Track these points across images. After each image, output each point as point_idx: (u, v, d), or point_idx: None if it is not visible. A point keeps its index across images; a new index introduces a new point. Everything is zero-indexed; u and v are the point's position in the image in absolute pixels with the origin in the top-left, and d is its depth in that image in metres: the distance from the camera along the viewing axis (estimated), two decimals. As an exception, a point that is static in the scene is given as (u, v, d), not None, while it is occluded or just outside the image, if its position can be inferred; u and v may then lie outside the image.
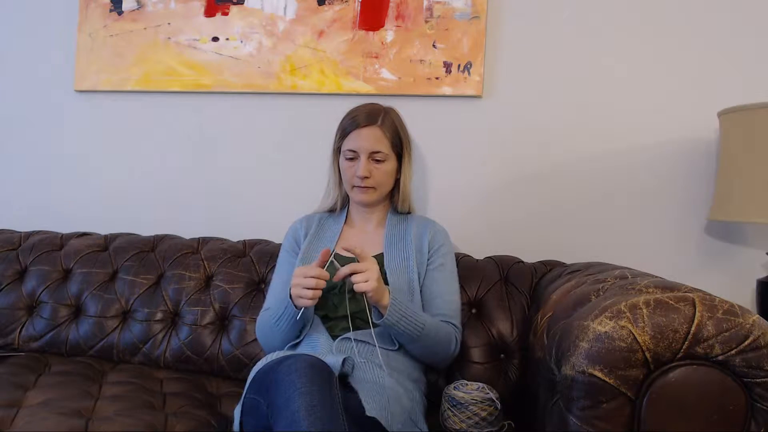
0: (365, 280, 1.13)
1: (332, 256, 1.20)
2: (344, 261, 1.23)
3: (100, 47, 1.88)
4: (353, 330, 1.23)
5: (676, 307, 0.82)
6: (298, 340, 1.26)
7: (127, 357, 1.54)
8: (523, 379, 1.35)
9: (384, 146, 1.34)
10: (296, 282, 1.16)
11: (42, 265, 1.67)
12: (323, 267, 1.17)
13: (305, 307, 1.18)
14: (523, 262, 1.54)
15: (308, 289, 1.14)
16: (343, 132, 1.37)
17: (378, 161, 1.35)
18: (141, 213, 1.89)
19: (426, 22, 1.67)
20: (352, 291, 1.25)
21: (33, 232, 1.81)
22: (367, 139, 1.33)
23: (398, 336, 1.21)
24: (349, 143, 1.35)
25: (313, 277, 1.14)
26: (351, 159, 1.36)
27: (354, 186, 1.37)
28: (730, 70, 1.54)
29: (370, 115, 1.35)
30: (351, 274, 1.15)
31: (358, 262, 1.17)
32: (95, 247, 1.70)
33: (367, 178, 1.34)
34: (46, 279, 1.64)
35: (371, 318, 1.20)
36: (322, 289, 1.30)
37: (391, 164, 1.37)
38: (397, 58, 1.69)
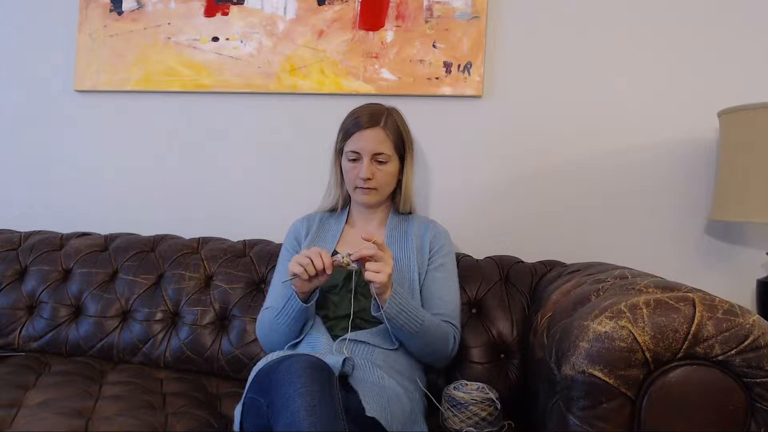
0: (377, 271, 1.11)
1: (335, 254, 1.19)
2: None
3: (100, 47, 1.88)
4: (355, 330, 1.23)
5: (676, 307, 0.82)
6: (298, 340, 1.26)
7: (127, 357, 1.54)
8: (523, 379, 1.35)
9: (387, 148, 1.34)
10: (303, 251, 1.15)
11: (42, 265, 1.67)
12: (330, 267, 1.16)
13: (307, 296, 1.19)
14: (523, 262, 1.54)
15: (306, 257, 1.13)
16: (346, 133, 1.37)
17: (381, 162, 1.34)
18: (141, 213, 1.89)
19: (426, 22, 1.67)
20: (355, 290, 1.25)
21: (33, 232, 1.81)
22: (370, 140, 1.33)
23: (396, 331, 1.20)
24: (351, 145, 1.35)
25: (318, 252, 1.13)
26: (353, 160, 1.36)
27: (357, 187, 1.37)
28: (730, 70, 1.54)
29: (373, 116, 1.35)
30: (368, 260, 1.13)
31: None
32: (95, 247, 1.70)
33: (369, 179, 1.34)
34: (46, 279, 1.64)
35: (375, 303, 1.17)
36: (323, 289, 1.30)
37: (393, 165, 1.37)
38: (397, 58, 1.69)
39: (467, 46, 1.65)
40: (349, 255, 1.14)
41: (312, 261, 1.12)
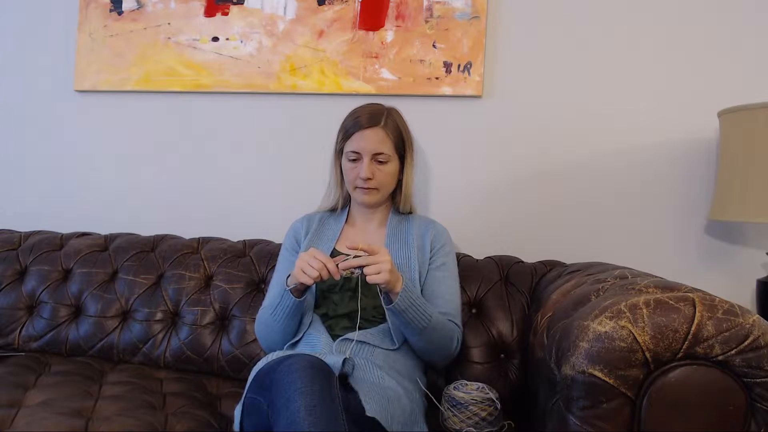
0: (377, 272, 1.11)
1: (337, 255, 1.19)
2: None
3: (100, 47, 1.88)
4: (357, 329, 1.22)
5: (676, 307, 0.82)
6: (297, 339, 1.26)
7: (127, 357, 1.54)
8: (523, 379, 1.35)
9: (387, 148, 1.34)
10: (305, 257, 1.15)
11: (42, 265, 1.67)
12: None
13: (301, 291, 1.19)
14: (523, 262, 1.54)
15: (312, 267, 1.12)
16: (346, 133, 1.36)
17: (381, 162, 1.34)
18: (141, 213, 1.89)
19: (426, 22, 1.67)
20: (356, 289, 1.25)
21: (33, 232, 1.81)
22: (370, 140, 1.33)
23: (405, 326, 1.20)
24: (351, 144, 1.35)
25: (321, 260, 1.13)
26: (354, 160, 1.35)
27: (357, 187, 1.37)
28: (730, 70, 1.54)
29: (373, 116, 1.35)
30: (363, 267, 1.13)
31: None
32: (95, 247, 1.70)
33: (370, 179, 1.34)
34: (46, 279, 1.64)
35: (386, 296, 1.17)
36: (323, 288, 1.30)
37: (393, 165, 1.37)
38: (397, 58, 1.69)
39: (467, 46, 1.64)
40: (346, 260, 1.14)
41: (321, 276, 1.13)
